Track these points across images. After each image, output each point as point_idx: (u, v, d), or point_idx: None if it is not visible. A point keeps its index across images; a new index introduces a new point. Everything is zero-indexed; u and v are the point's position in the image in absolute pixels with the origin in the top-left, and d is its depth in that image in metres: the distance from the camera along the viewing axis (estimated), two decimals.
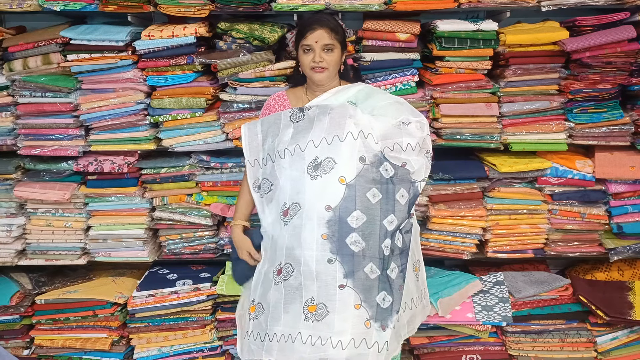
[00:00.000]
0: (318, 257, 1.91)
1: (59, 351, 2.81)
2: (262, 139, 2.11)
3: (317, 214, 1.92)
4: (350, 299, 1.90)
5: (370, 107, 2.07)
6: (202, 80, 2.67)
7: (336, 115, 2.02)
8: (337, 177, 1.93)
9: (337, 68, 2.19)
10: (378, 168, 1.96)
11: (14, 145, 2.74)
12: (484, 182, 2.77)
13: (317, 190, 1.94)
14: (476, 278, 2.85)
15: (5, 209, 2.80)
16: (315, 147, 1.98)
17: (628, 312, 2.71)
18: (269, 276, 2.01)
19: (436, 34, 2.60)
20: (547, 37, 2.59)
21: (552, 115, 2.71)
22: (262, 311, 2.01)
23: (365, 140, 1.97)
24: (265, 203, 2.08)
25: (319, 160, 1.96)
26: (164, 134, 2.72)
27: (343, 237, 1.91)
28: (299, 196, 1.96)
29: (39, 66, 2.65)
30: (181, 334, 2.81)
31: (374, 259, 1.92)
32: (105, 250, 2.85)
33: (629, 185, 2.76)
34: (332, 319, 1.90)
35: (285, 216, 1.98)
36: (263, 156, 2.09)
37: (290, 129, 2.06)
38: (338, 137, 1.97)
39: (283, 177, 2.02)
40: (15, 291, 2.84)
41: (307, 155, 1.98)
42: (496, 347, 2.84)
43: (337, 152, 1.95)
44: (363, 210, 1.92)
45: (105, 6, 2.56)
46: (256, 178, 2.11)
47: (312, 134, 2.01)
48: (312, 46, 2.12)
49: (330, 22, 2.15)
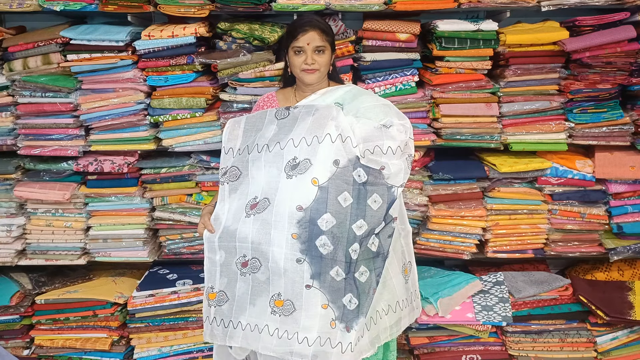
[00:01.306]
0: (287, 255, 1.91)
1: (59, 351, 2.81)
2: (244, 130, 2.10)
3: (288, 213, 1.91)
4: (316, 299, 1.91)
5: (355, 109, 2.06)
6: (202, 80, 2.67)
7: (319, 116, 2.01)
8: (311, 178, 1.92)
9: (327, 69, 2.18)
10: (351, 172, 1.95)
11: (14, 145, 2.74)
12: (484, 182, 2.77)
13: (290, 189, 1.93)
14: (476, 278, 2.85)
15: (5, 209, 2.80)
16: (295, 147, 1.97)
17: (628, 312, 2.72)
18: (230, 267, 2.01)
19: (436, 34, 2.60)
20: (547, 37, 2.59)
21: (552, 115, 2.71)
22: (225, 299, 2.01)
23: (343, 143, 1.96)
24: (227, 191, 2.05)
25: (297, 161, 1.95)
26: (164, 134, 2.72)
27: (313, 238, 1.90)
28: (272, 193, 1.96)
29: (39, 66, 2.65)
30: (181, 334, 2.81)
31: (341, 263, 1.92)
32: (105, 250, 2.85)
33: (629, 185, 2.76)
34: (299, 316, 1.92)
35: (252, 209, 1.97)
36: (239, 146, 2.08)
37: (273, 125, 2.05)
38: (317, 138, 1.96)
39: (257, 171, 2.01)
40: (15, 291, 2.84)
41: (285, 153, 1.98)
42: (496, 347, 2.83)
43: (314, 154, 1.95)
44: (333, 213, 1.91)
45: (105, 6, 2.56)
46: (225, 165, 2.08)
47: (293, 133, 2.00)
48: (303, 48, 2.11)
49: (321, 23, 2.14)
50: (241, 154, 2.06)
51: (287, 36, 2.18)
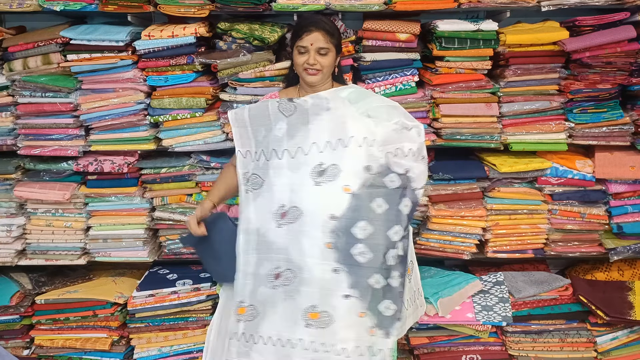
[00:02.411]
0: (322, 265, 1.88)
1: (59, 351, 2.81)
2: (252, 131, 2.03)
3: (321, 222, 1.88)
4: (354, 308, 1.89)
5: (364, 109, 2.05)
6: (202, 80, 2.67)
7: (337, 113, 1.97)
8: (342, 185, 1.89)
9: (330, 71, 2.18)
10: (383, 178, 1.93)
11: (14, 145, 2.73)
12: (484, 182, 2.77)
13: (320, 197, 1.90)
14: (476, 278, 2.85)
15: (5, 209, 2.80)
16: (320, 152, 1.93)
17: (628, 312, 2.72)
18: (261, 278, 1.95)
19: (436, 34, 2.60)
20: (547, 37, 2.59)
21: (552, 115, 2.71)
22: (256, 314, 1.95)
23: (370, 148, 1.94)
24: (252, 198, 1.99)
25: (324, 167, 1.91)
26: (164, 134, 2.72)
27: (348, 247, 1.88)
28: (300, 201, 1.91)
29: (39, 66, 2.65)
30: (181, 334, 2.81)
31: (380, 270, 1.90)
32: (105, 250, 2.85)
33: (629, 185, 2.76)
34: (337, 327, 1.88)
35: (283, 218, 1.93)
36: (256, 150, 2.01)
37: (282, 123, 1.99)
38: (342, 141, 1.93)
39: (280, 178, 1.95)
40: (15, 291, 2.84)
41: (310, 160, 1.93)
42: (496, 347, 2.84)
43: (342, 159, 1.91)
44: (369, 220, 1.89)
45: (105, 6, 2.56)
46: (246, 170, 2.01)
47: (313, 135, 1.95)
48: (307, 48, 2.11)
49: (327, 24, 2.14)
50: (259, 160, 1.99)
51: (293, 35, 2.19)
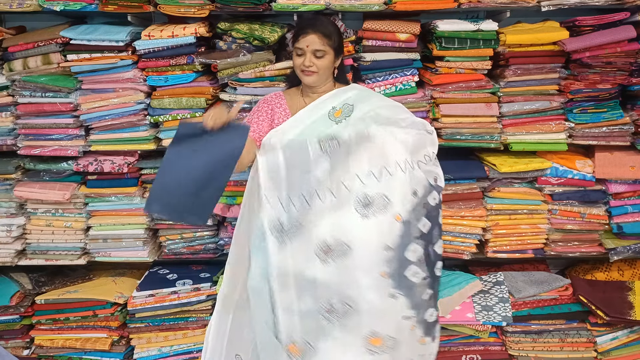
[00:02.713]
0: (380, 294, 1.88)
1: (59, 351, 2.81)
2: (286, 171, 1.94)
3: (375, 254, 1.87)
4: (410, 324, 1.94)
5: (367, 109, 2.06)
6: (202, 80, 2.67)
7: (377, 141, 1.95)
8: (393, 215, 1.88)
9: (327, 72, 2.17)
10: (427, 198, 1.95)
11: (14, 145, 2.73)
12: (484, 182, 2.77)
13: (370, 230, 1.87)
14: (476, 278, 2.85)
15: (5, 209, 2.80)
16: (364, 184, 1.90)
17: (628, 312, 2.72)
18: (314, 314, 1.91)
19: (436, 34, 2.60)
20: (547, 37, 2.59)
21: (552, 115, 2.71)
22: (312, 350, 1.90)
23: (413, 170, 1.94)
24: (288, 239, 1.91)
25: (370, 198, 1.89)
26: (164, 134, 2.72)
27: (402, 270, 1.89)
28: (347, 235, 1.87)
29: (39, 66, 2.65)
30: (181, 334, 2.81)
31: (432, 284, 1.95)
32: (105, 250, 2.85)
33: (629, 185, 2.76)
34: (400, 347, 1.91)
35: (327, 254, 1.88)
36: (287, 194, 1.91)
37: (325, 163, 1.92)
38: (387, 170, 1.91)
39: (322, 218, 1.90)
40: (15, 291, 2.84)
41: (354, 194, 1.89)
42: (496, 347, 2.84)
43: (390, 189, 1.90)
44: (418, 242, 1.91)
45: (105, 6, 2.56)
46: (275, 220, 1.91)
47: (353, 167, 1.91)
48: (303, 50, 2.11)
49: (325, 27, 2.12)
50: (295, 206, 1.90)
51: (293, 36, 2.20)
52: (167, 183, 1.76)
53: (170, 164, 1.76)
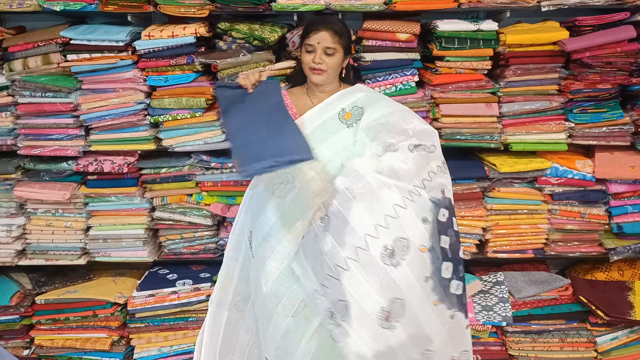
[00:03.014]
0: (442, 321, 1.97)
1: (59, 351, 2.81)
2: (311, 267, 1.94)
3: (422, 292, 1.91)
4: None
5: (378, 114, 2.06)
6: (202, 80, 2.67)
7: (366, 197, 1.92)
8: (417, 249, 1.91)
9: (336, 71, 2.19)
10: (437, 217, 1.97)
11: (14, 145, 2.73)
12: (484, 182, 2.77)
13: (408, 274, 1.89)
14: (476, 278, 2.85)
15: (5, 209, 2.80)
16: (377, 239, 1.88)
17: (628, 312, 2.72)
18: None
19: (436, 34, 2.60)
20: (547, 37, 2.59)
21: (552, 115, 2.71)
22: None
23: (419, 197, 1.95)
24: (344, 322, 1.90)
25: (391, 248, 1.88)
26: (164, 134, 2.72)
27: (447, 290, 1.97)
28: (393, 292, 1.88)
29: (39, 66, 2.65)
30: (181, 334, 2.81)
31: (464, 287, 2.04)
32: (105, 250, 2.85)
33: (629, 185, 2.76)
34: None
35: (388, 320, 1.89)
36: (321, 282, 1.91)
37: (327, 237, 1.91)
38: (390, 216, 1.90)
39: (359, 285, 1.89)
40: (15, 291, 2.84)
41: (374, 251, 1.88)
42: (496, 347, 2.84)
43: (402, 229, 1.90)
44: (446, 259, 1.97)
45: (105, 6, 2.56)
46: (325, 308, 1.91)
47: (359, 230, 1.89)
48: (314, 46, 2.12)
49: (336, 25, 2.14)
50: (330, 288, 1.90)
51: (303, 33, 2.20)
52: (245, 143, 1.89)
53: (234, 128, 1.95)
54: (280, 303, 2.00)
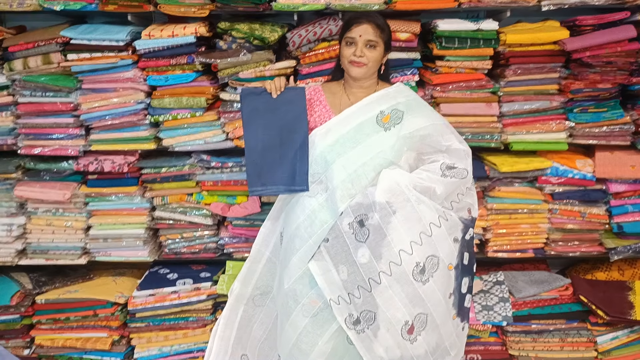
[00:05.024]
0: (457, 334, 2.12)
1: (59, 351, 2.81)
2: (337, 272, 1.96)
3: (445, 308, 2.02)
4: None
5: (418, 125, 2.07)
6: (202, 80, 2.67)
7: (405, 212, 1.97)
8: (446, 267, 2.00)
9: (376, 66, 2.15)
10: (465, 236, 2.06)
11: (15, 145, 2.74)
12: (484, 181, 2.77)
13: (434, 290, 1.98)
14: (476, 278, 2.85)
15: (6, 208, 2.80)
16: (410, 255, 1.94)
17: (628, 312, 2.72)
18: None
19: (436, 33, 2.60)
20: (548, 37, 2.59)
21: (553, 114, 2.71)
22: None
23: (447, 222, 2.01)
24: (368, 329, 1.95)
25: (422, 264, 1.96)
26: (164, 134, 2.72)
27: (462, 304, 2.11)
28: (418, 307, 1.97)
29: (39, 66, 2.65)
30: (181, 334, 2.81)
31: None
32: (106, 250, 2.85)
33: (630, 184, 2.76)
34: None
35: (411, 333, 1.97)
36: (348, 291, 1.95)
37: (363, 249, 1.94)
38: (425, 234, 1.97)
39: (392, 301, 1.95)
40: (16, 291, 2.84)
41: (406, 266, 1.94)
42: (496, 347, 2.84)
43: (434, 247, 1.98)
44: (464, 274, 2.08)
45: (105, 6, 2.56)
46: (349, 314, 1.95)
47: (396, 244, 1.94)
48: (355, 39, 2.08)
49: (379, 19, 2.13)
50: (359, 297, 1.94)
51: (342, 28, 2.17)
52: (257, 162, 2.08)
53: (251, 142, 2.07)
54: (300, 303, 2.03)
